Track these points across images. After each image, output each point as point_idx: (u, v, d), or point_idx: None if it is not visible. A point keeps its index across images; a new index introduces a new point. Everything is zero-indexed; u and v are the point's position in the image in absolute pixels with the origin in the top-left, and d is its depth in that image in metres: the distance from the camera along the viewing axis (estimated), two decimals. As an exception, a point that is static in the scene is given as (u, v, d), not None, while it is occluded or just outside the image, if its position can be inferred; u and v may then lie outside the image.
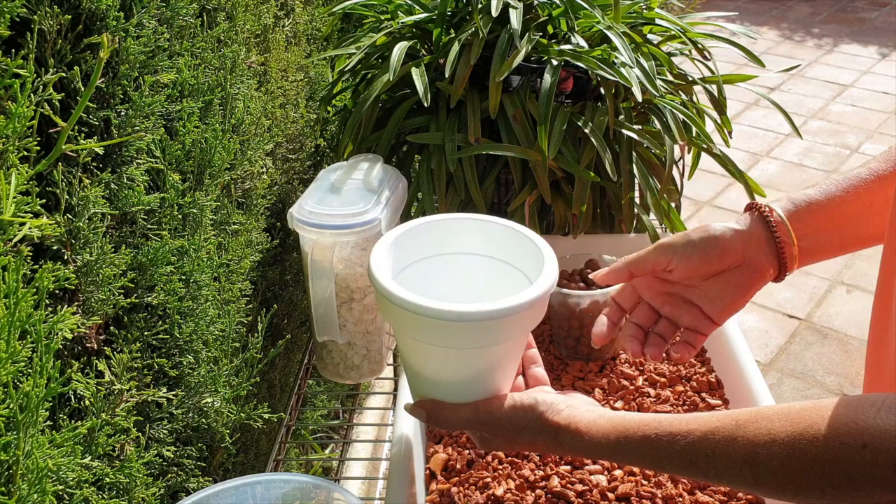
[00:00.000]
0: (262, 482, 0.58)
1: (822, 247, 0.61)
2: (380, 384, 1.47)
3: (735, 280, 0.59)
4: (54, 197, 0.51)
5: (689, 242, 0.59)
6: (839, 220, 0.60)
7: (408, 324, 0.54)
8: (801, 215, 0.59)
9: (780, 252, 0.59)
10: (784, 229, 0.59)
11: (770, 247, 0.59)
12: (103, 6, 0.53)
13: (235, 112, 0.77)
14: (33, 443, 0.44)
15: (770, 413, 0.46)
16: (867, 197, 0.59)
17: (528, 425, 0.55)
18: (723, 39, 0.96)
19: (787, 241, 0.59)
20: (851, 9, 4.69)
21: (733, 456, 0.46)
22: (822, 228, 0.60)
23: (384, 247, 0.58)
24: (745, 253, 0.59)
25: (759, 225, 0.59)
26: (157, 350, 0.64)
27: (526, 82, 0.89)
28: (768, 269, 0.60)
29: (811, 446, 0.43)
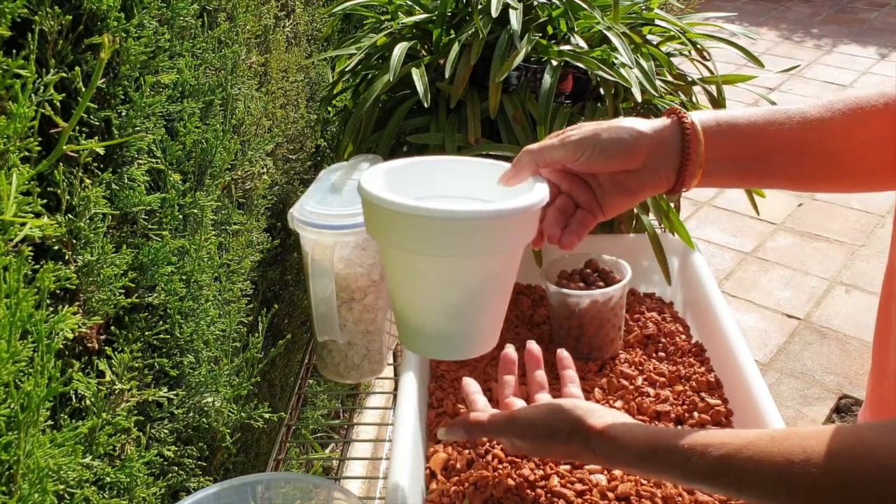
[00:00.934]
0: (263, 482, 0.58)
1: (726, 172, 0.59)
2: (380, 384, 1.47)
3: (629, 183, 0.58)
4: (55, 197, 0.51)
5: (598, 142, 0.57)
6: (751, 151, 0.58)
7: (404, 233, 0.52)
8: (719, 135, 0.58)
9: (682, 167, 0.58)
10: (696, 143, 0.57)
11: (675, 159, 0.58)
12: (104, 7, 0.53)
13: (236, 112, 0.77)
14: (34, 442, 0.44)
15: (805, 432, 0.45)
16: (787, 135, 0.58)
17: (562, 428, 0.56)
18: (722, 40, 0.96)
19: (694, 156, 0.57)
20: (850, 9, 4.69)
21: (766, 472, 0.45)
22: (732, 155, 0.58)
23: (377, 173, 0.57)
24: (648, 158, 0.57)
25: (672, 134, 0.58)
26: (158, 350, 0.65)
27: (526, 83, 0.89)
28: (664, 180, 0.59)
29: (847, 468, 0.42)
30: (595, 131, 0.57)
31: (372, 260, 0.78)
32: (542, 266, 0.85)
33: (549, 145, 0.58)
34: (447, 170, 0.61)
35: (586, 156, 0.57)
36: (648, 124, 0.58)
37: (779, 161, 0.59)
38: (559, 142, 0.57)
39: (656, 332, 0.83)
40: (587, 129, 0.58)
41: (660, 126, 0.58)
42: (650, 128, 0.58)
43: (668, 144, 0.57)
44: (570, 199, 0.59)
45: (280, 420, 0.85)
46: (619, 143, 0.57)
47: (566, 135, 0.58)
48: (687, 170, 0.58)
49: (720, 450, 0.47)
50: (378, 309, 0.81)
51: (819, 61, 3.95)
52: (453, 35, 0.91)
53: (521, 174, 0.58)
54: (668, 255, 0.88)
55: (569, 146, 0.57)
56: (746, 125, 0.58)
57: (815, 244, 2.51)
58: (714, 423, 0.71)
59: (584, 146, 0.57)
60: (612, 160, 0.57)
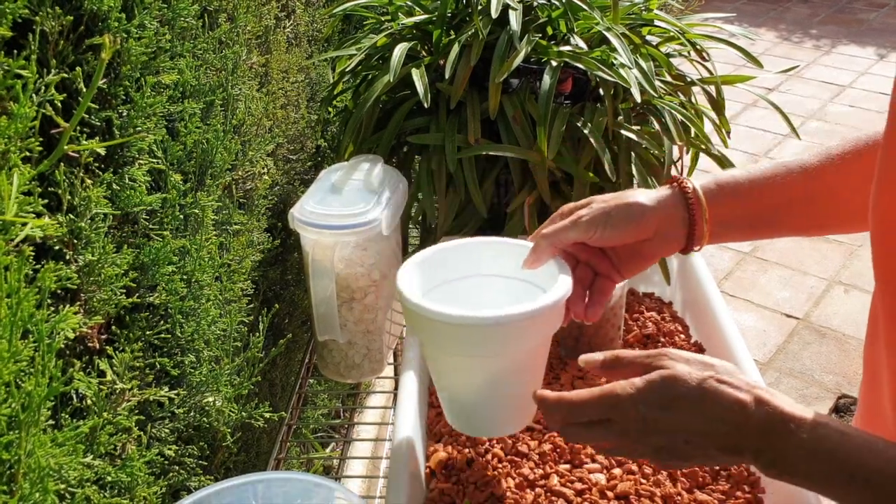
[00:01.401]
0: (264, 481, 0.58)
1: (734, 231, 0.62)
2: (380, 383, 1.47)
3: (643, 250, 0.61)
4: (56, 197, 0.51)
5: (609, 221, 0.59)
6: (757, 209, 0.61)
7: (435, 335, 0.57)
8: (722, 198, 0.60)
9: (690, 231, 0.60)
10: (700, 210, 0.60)
11: (682, 226, 0.60)
12: (105, 7, 0.53)
13: (237, 113, 0.78)
14: (35, 442, 0.44)
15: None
16: (791, 189, 0.60)
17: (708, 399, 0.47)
18: (721, 40, 0.96)
19: (700, 221, 0.60)
20: (849, 10, 4.69)
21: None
22: (738, 215, 0.61)
23: (410, 267, 0.61)
24: (658, 228, 0.60)
25: (677, 203, 0.60)
26: (159, 349, 0.65)
27: (525, 83, 0.89)
28: (676, 244, 0.61)
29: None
30: (603, 210, 0.60)
31: (372, 260, 0.79)
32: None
33: (562, 227, 0.60)
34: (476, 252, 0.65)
35: (598, 233, 0.59)
36: (653, 197, 0.61)
37: (784, 214, 0.61)
38: (571, 223, 0.60)
39: (656, 331, 0.83)
40: (596, 209, 0.60)
41: (664, 197, 0.61)
42: (655, 200, 0.60)
43: (675, 214, 0.60)
44: (589, 268, 0.62)
45: (281, 419, 0.85)
46: (628, 219, 0.59)
47: (577, 216, 0.60)
48: (695, 234, 0.60)
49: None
50: (378, 309, 0.81)
51: (818, 62, 3.95)
52: (453, 36, 0.91)
53: (541, 258, 0.61)
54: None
55: (580, 227, 0.59)
56: (747, 185, 0.61)
57: (814, 244, 2.51)
58: (713, 422, 0.71)
59: (595, 225, 0.59)
60: (623, 235, 0.60)
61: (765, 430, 0.47)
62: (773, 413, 0.47)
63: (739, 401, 0.47)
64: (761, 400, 0.47)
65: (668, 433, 0.49)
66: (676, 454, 0.49)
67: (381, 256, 0.79)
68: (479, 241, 0.65)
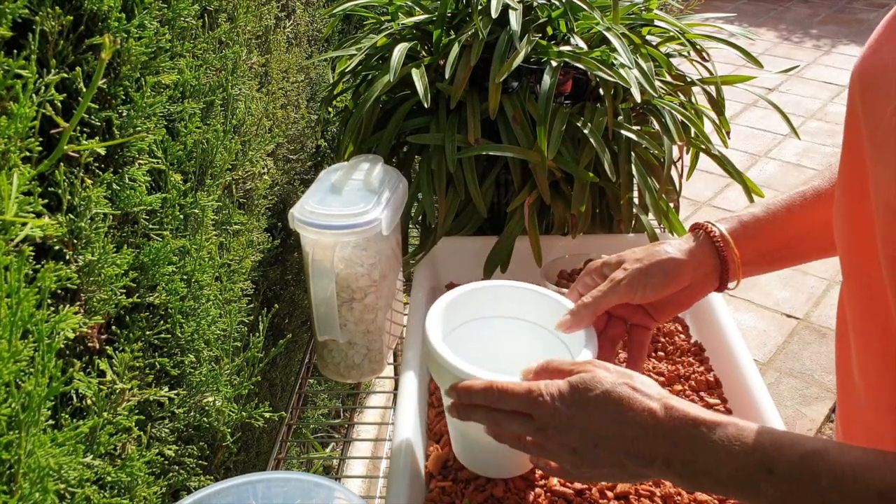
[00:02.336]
0: (263, 481, 0.58)
1: (765, 264, 0.64)
2: (380, 383, 1.47)
3: (679, 298, 0.64)
4: (56, 197, 0.51)
5: (647, 282, 0.61)
6: (782, 240, 0.63)
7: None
8: (747, 236, 0.62)
9: (723, 272, 0.62)
10: (731, 254, 0.62)
11: (715, 269, 0.62)
12: (105, 7, 0.53)
13: (237, 113, 0.78)
14: (35, 442, 0.44)
15: None
16: (810, 216, 0.62)
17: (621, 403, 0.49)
18: (721, 40, 0.96)
19: (732, 262, 0.62)
20: (849, 10, 4.70)
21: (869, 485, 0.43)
22: (765, 249, 0.63)
23: (439, 308, 0.64)
24: (692, 278, 0.62)
25: (707, 251, 0.62)
26: (159, 349, 0.65)
27: (525, 83, 0.89)
28: (710, 287, 0.64)
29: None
30: (640, 271, 0.61)
31: (372, 260, 0.79)
32: (542, 266, 0.85)
33: (602, 295, 0.62)
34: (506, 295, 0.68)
35: (639, 295, 0.61)
36: (684, 249, 0.62)
37: (806, 242, 0.63)
38: (610, 290, 0.61)
39: (655, 331, 0.83)
40: (632, 271, 0.61)
41: (694, 248, 0.62)
42: (687, 253, 0.62)
43: (707, 262, 0.62)
44: (621, 321, 0.65)
45: (280, 419, 0.85)
46: (665, 276, 0.61)
47: (613, 280, 0.62)
48: (728, 276, 0.63)
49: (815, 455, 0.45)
50: (378, 309, 0.81)
51: (818, 62, 3.95)
52: (453, 36, 0.91)
53: (580, 326, 0.62)
54: (667, 255, 0.88)
55: (621, 292, 0.61)
56: (768, 221, 0.63)
57: (815, 244, 2.51)
58: (713, 422, 0.71)
59: (634, 288, 0.61)
60: (661, 292, 0.62)
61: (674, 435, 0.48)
62: (681, 418, 0.49)
63: (649, 407, 0.49)
64: (669, 406, 0.49)
65: (580, 432, 0.51)
66: (588, 459, 0.51)
67: (381, 256, 0.79)
68: (511, 284, 0.68)
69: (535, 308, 0.67)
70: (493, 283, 0.68)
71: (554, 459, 0.53)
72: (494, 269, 0.87)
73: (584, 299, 0.62)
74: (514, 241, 0.87)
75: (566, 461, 0.52)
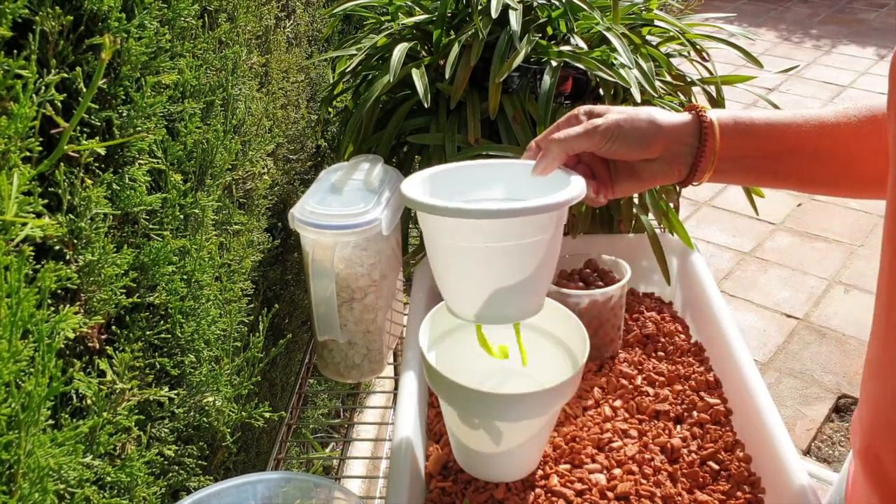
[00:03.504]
0: (263, 481, 0.58)
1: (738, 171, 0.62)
2: (380, 383, 1.47)
3: (642, 171, 0.61)
4: (56, 197, 0.51)
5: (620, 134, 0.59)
6: (765, 151, 0.61)
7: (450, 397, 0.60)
8: (735, 134, 0.60)
9: (696, 162, 0.60)
10: (711, 142, 0.60)
11: (689, 155, 0.60)
12: (105, 7, 0.53)
13: (237, 113, 0.78)
14: (35, 442, 0.44)
15: None
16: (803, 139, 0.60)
17: None
18: (721, 40, 0.96)
19: (709, 154, 0.60)
20: (849, 10, 4.70)
21: None
22: (746, 154, 0.61)
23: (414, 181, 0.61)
24: (664, 151, 0.60)
25: (690, 130, 0.60)
26: (159, 349, 0.65)
27: (525, 83, 0.89)
28: (676, 173, 0.61)
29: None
30: (617, 122, 0.59)
31: (372, 260, 0.79)
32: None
33: (576, 136, 0.60)
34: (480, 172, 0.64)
35: (608, 146, 0.60)
36: (668, 118, 0.60)
37: (792, 162, 0.61)
38: (585, 132, 0.60)
39: (656, 331, 0.83)
40: (611, 121, 0.60)
41: (679, 121, 0.61)
42: (669, 122, 0.60)
43: (685, 140, 0.60)
44: (588, 169, 0.63)
45: (280, 419, 0.85)
46: (639, 135, 0.59)
47: (592, 124, 0.60)
48: (699, 165, 0.60)
49: None
50: (378, 308, 0.81)
51: (818, 62, 3.95)
52: (453, 36, 0.91)
53: (551, 165, 0.60)
54: (667, 255, 0.88)
55: (595, 138, 0.59)
56: (764, 126, 0.60)
57: (814, 244, 2.51)
58: (713, 422, 0.71)
59: (607, 138, 0.59)
60: (630, 151, 0.60)
61: None
62: None
63: None
64: None
65: None
66: None
67: (381, 256, 0.79)
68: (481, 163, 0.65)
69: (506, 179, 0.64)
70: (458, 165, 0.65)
71: None
72: (494, 269, 0.87)
73: (557, 135, 0.60)
74: (514, 241, 0.87)
75: None
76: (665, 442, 0.69)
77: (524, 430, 0.62)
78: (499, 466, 0.65)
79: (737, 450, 0.68)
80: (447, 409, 0.64)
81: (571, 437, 0.70)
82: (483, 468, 0.65)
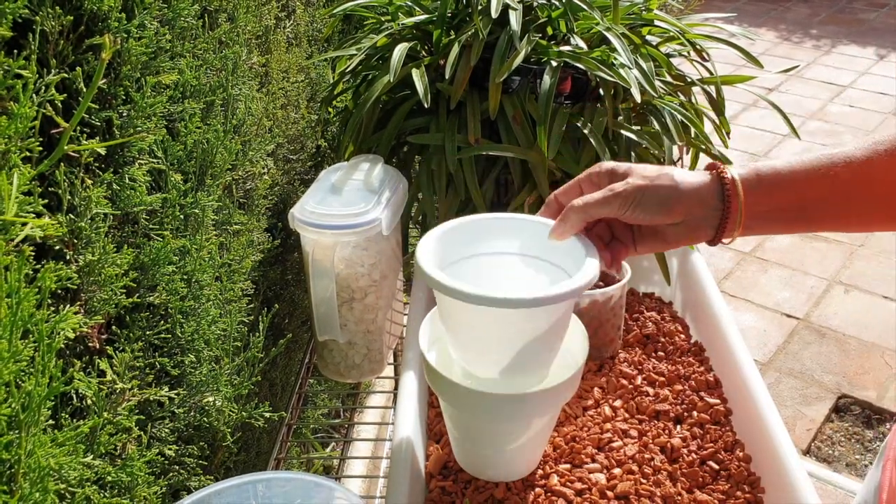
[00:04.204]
0: (264, 481, 0.58)
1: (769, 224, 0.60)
2: (380, 383, 1.47)
3: (666, 234, 0.60)
4: (56, 197, 0.51)
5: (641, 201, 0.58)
6: (795, 203, 0.58)
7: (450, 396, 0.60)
8: (760, 190, 0.58)
9: (721, 224, 0.58)
10: (735, 203, 0.58)
11: (714, 217, 0.58)
12: (105, 7, 0.53)
13: (237, 113, 0.78)
14: (35, 442, 0.44)
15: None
16: (832, 183, 0.57)
17: None
18: (721, 40, 0.96)
19: (735, 215, 0.58)
20: (850, 10, 4.69)
21: None
22: (775, 208, 0.58)
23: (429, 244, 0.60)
24: (687, 215, 0.58)
25: (712, 192, 0.58)
26: (159, 349, 0.65)
27: (525, 83, 0.89)
28: (702, 234, 0.60)
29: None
30: (638, 188, 0.58)
31: (372, 260, 0.79)
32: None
33: (594, 203, 0.59)
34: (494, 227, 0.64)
35: (629, 213, 0.58)
36: (689, 180, 0.59)
37: (824, 209, 0.58)
38: (604, 199, 0.59)
39: (656, 331, 0.83)
40: (632, 186, 0.58)
41: (700, 183, 0.58)
42: (689, 185, 0.58)
43: (708, 203, 0.58)
44: (608, 228, 0.62)
45: (281, 419, 0.85)
46: (659, 201, 0.58)
47: (612, 190, 0.59)
48: (726, 227, 0.58)
49: None
50: (378, 309, 0.81)
51: (818, 62, 3.95)
52: (453, 36, 0.91)
53: (569, 232, 0.60)
54: (667, 255, 0.88)
55: (614, 205, 0.58)
56: (788, 177, 0.58)
57: (814, 244, 2.51)
58: (713, 422, 0.71)
59: (627, 205, 0.58)
60: (651, 217, 0.58)
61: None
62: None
63: None
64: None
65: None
66: None
67: (382, 256, 0.79)
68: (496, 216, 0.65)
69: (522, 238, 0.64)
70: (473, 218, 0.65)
71: None
72: (494, 269, 0.87)
73: (576, 202, 0.59)
74: (514, 241, 0.87)
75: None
76: (665, 442, 0.69)
77: (524, 430, 0.62)
78: (499, 466, 0.65)
79: (736, 450, 0.68)
80: (447, 409, 0.64)
81: (571, 437, 0.70)
82: (483, 468, 0.65)
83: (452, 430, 0.66)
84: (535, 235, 0.62)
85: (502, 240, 0.64)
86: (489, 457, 0.64)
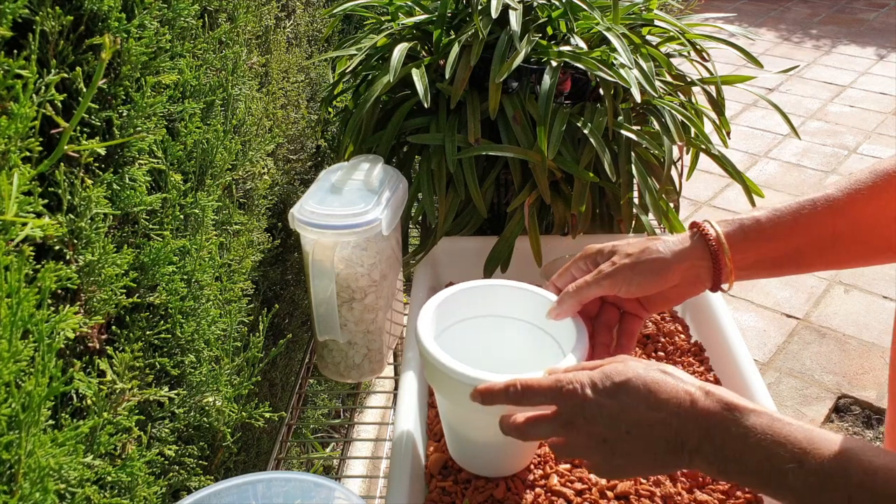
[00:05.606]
0: (264, 481, 0.58)
1: (764, 269, 0.62)
2: (380, 383, 1.47)
3: (668, 294, 0.63)
4: (56, 197, 0.51)
5: (632, 279, 0.60)
6: (782, 251, 0.61)
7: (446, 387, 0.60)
8: (746, 243, 0.61)
9: (715, 277, 0.61)
10: (723, 258, 0.60)
11: (707, 271, 0.61)
12: (105, 7, 0.53)
13: (237, 113, 0.78)
14: (35, 442, 0.44)
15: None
16: (816, 228, 0.60)
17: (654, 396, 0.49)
18: (721, 40, 0.96)
19: (725, 269, 0.61)
20: (850, 10, 4.70)
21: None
22: (762, 258, 0.61)
23: (430, 308, 0.64)
24: (682, 278, 0.62)
25: (699, 252, 0.61)
26: (159, 349, 0.65)
27: (525, 83, 0.89)
28: (702, 287, 0.63)
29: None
30: (626, 266, 0.61)
31: (372, 260, 0.79)
32: (542, 266, 0.85)
33: (585, 285, 0.62)
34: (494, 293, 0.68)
35: (623, 290, 0.61)
36: (675, 250, 0.61)
37: (811, 253, 0.61)
38: (594, 280, 0.62)
39: (655, 331, 0.83)
40: (619, 266, 0.61)
41: (686, 249, 0.61)
42: (677, 253, 0.61)
43: (698, 263, 0.61)
44: (615, 308, 0.65)
45: (281, 419, 0.85)
46: (652, 274, 0.61)
47: (600, 273, 0.62)
48: (720, 278, 0.61)
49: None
50: (378, 309, 0.81)
51: (818, 62, 3.95)
52: (453, 36, 0.91)
53: (565, 314, 0.63)
54: (667, 255, 0.88)
55: (604, 286, 0.61)
56: (771, 227, 0.60)
57: (815, 244, 2.51)
58: (713, 422, 0.71)
59: (618, 284, 0.61)
60: (647, 289, 0.61)
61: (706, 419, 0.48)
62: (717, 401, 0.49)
63: (683, 389, 0.49)
64: (705, 390, 0.49)
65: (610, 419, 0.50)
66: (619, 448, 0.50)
67: (382, 256, 0.79)
68: (498, 283, 0.68)
69: (524, 305, 0.67)
70: (481, 282, 0.68)
71: (584, 455, 0.52)
72: (494, 269, 0.87)
73: (569, 288, 0.62)
74: (515, 241, 0.87)
75: (596, 453, 0.51)
76: (665, 442, 0.69)
77: None
78: (491, 459, 0.64)
79: (737, 450, 0.68)
80: (441, 401, 0.64)
81: (571, 437, 0.70)
82: (474, 460, 0.65)
83: (446, 424, 0.66)
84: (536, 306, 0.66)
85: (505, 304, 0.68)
86: (484, 451, 0.64)
